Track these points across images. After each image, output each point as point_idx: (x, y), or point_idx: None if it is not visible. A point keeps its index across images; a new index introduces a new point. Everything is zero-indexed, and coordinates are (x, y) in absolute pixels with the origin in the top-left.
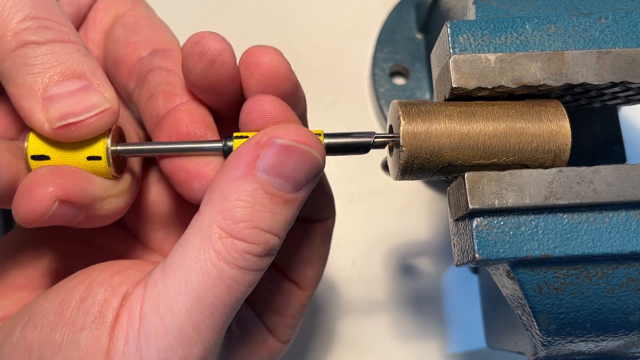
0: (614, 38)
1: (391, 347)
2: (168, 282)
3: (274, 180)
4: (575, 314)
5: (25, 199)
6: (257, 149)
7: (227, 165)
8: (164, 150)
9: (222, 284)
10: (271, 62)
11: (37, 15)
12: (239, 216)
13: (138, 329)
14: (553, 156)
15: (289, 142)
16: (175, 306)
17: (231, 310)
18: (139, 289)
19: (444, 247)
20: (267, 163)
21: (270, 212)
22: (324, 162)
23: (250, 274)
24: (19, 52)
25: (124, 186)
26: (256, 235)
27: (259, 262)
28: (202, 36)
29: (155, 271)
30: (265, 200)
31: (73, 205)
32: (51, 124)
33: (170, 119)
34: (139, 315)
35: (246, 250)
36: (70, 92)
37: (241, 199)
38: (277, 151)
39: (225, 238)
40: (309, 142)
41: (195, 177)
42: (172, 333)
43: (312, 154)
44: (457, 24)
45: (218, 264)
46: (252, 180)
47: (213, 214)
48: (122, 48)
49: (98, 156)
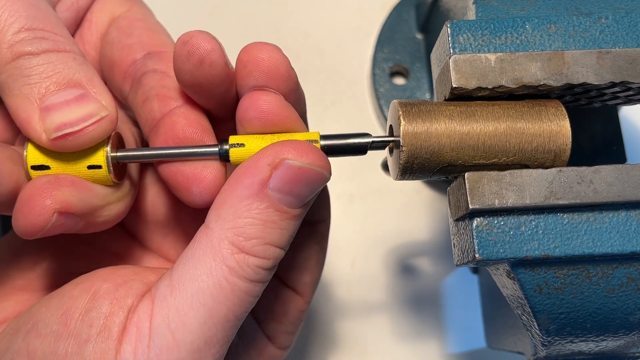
0: (614, 38)
1: (391, 347)
2: (179, 297)
3: (285, 198)
4: (576, 314)
5: (24, 212)
6: (269, 169)
7: (239, 182)
8: (163, 156)
9: (235, 297)
10: (270, 59)
11: (32, 26)
12: (251, 233)
13: (148, 344)
14: (553, 156)
15: (301, 164)
16: (187, 321)
17: (240, 321)
18: (145, 303)
19: (444, 247)
20: (279, 183)
21: (279, 227)
22: (330, 174)
23: (259, 285)
24: (15, 64)
25: (123, 192)
26: (267, 250)
27: (267, 275)
28: (190, 36)
29: (162, 285)
30: (275, 217)
31: (72, 216)
32: (48, 135)
33: (166, 123)
34: (149, 330)
35: (258, 265)
36: (66, 101)
37: (253, 217)
38: (290, 172)
39: (238, 254)
40: (319, 163)
41: (193, 182)
42: (184, 347)
43: (322, 173)
44: (457, 24)
45: (231, 279)
46: (264, 199)
47: (224, 230)
48: (117, 50)
49: (98, 165)
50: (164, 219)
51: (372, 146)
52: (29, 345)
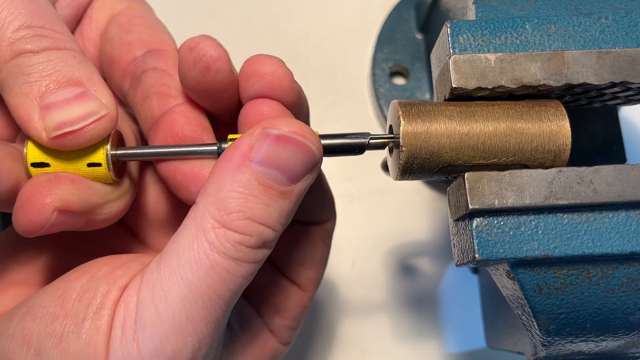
0: (614, 38)
1: (391, 347)
2: (163, 271)
3: (268, 171)
4: (576, 314)
5: (24, 211)
6: (251, 140)
7: (222, 157)
8: (163, 154)
9: (215, 274)
10: (273, 74)
11: (32, 24)
12: (232, 207)
13: (135, 319)
14: (553, 156)
15: (282, 132)
16: (170, 295)
17: (225, 302)
18: (136, 279)
19: (444, 247)
20: (261, 154)
21: (263, 203)
22: (321, 155)
23: (244, 265)
24: (15, 62)
25: (123, 189)
26: (249, 226)
27: (252, 254)
28: (197, 42)
29: (152, 262)
30: (258, 192)
31: (72, 213)
32: (48, 133)
33: (166, 121)
34: (136, 304)
35: (239, 241)
36: (66, 99)
37: (234, 190)
38: (271, 142)
39: (218, 228)
40: (303, 132)
41: (191, 180)
42: (166, 322)
43: (306, 144)
44: (457, 24)
45: (210, 254)
46: (245, 172)
47: (207, 204)
48: (116, 47)
49: (98, 163)
50: (164, 216)
51: (372, 146)
52: (25, 328)
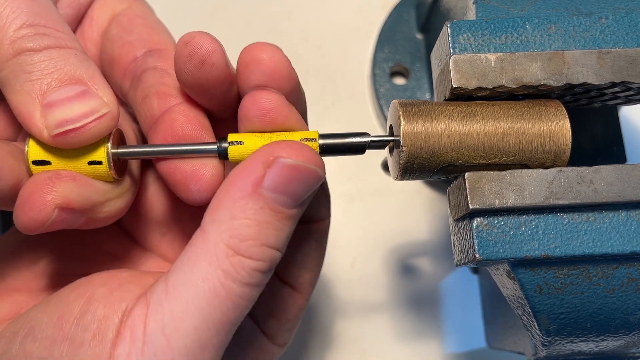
0: (615, 38)
1: (391, 347)
2: (174, 302)
3: (279, 197)
4: (576, 314)
5: (24, 208)
6: (263, 168)
7: (233, 183)
8: (164, 152)
9: (230, 302)
10: (271, 60)
11: (34, 22)
12: (247, 234)
13: (142, 349)
14: (553, 156)
15: (295, 162)
16: (182, 326)
17: (235, 325)
18: (140, 307)
19: (444, 247)
20: (273, 182)
21: (275, 228)
22: (324, 173)
23: (255, 289)
24: (17, 60)
25: (123, 188)
26: (263, 252)
27: (263, 278)
28: (192, 36)
29: (157, 290)
30: (271, 218)
31: (73, 211)
32: (50, 131)
33: (165, 120)
34: (142, 334)
35: (253, 268)
36: (68, 98)
37: (249, 218)
38: (284, 171)
39: (233, 257)
40: (313, 161)
41: (191, 179)
42: (177, 352)
43: (316, 172)
44: (458, 24)
45: (226, 283)
46: (259, 199)
47: (220, 232)
48: (117, 47)
49: (99, 161)
50: (162, 217)
51: (372, 146)
52: (26, 350)
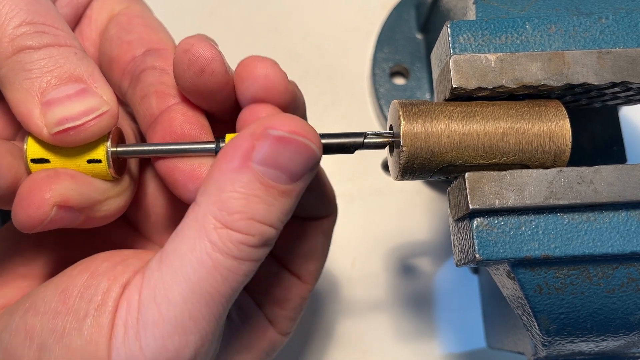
0: (615, 38)
1: (391, 347)
2: (164, 271)
3: (270, 171)
4: (576, 314)
5: (23, 206)
6: (252, 141)
7: (222, 156)
8: (163, 152)
9: (218, 274)
10: (267, 76)
11: (33, 20)
12: (234, 207)
13: (137, 317)
14: (553, 156)
15: (284, 133)
16: (172, 295)
17: (227, 299)
18: (137, 277)
19: (444, 247)
20: (262, 155)
21: (265, 203)
22: (321, 153)
23: (246, 264)
24: (16, 58)
25: (122, 186)
26: (251, 226)
27: (254, 253)
28: (191, 44)
29: (153, 260)
30: (260, 192)
31: (72, 210)
32: (49, 129)
33: (164, 120)
34: (138, 303)
35: (241, 241)
36: (67, 96)
37: (236, 190)
38: (273, 143)
39: (220, 229)
40: (304, 133)
41: (189, 178)
42: (168, 321)
43: (308, 145)
44: (458, 24)
45: (213, 254)
46: (247, 172)
47: (209, 204)
48: (116, 47)
49: (98, 159)
50: (165, 212)
51: (371, 145)
52: (27, 323)
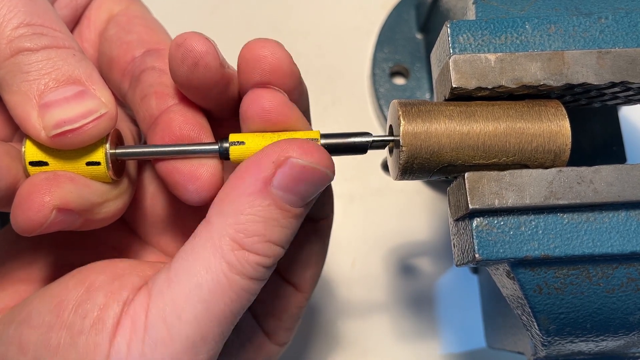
0: (614, 38)
1: (391, 347)
2: (175, 291)
3: (287, 196)
4: (576, 314)
5: (22, 209)
6: (274, 167)
7: (242, 178)
8: (163, 153)
9: (233, 294)
10: (273, 56)
11: (31, 22)
12: (253, 230)
13: (143, 337)
14: (553, 156)
15: (306, 163)
16: (184, 315)
17: (236, 318)
18: (142, 296)
19: (444, 247)
20: (283, 181)
21: (280, 226)
22: (333, 176)
23: (258, 283)
24: (14, 60)
25: (121, 189)
26: (268, 248)
27: (266, 272)
28: (184, 38)
29: (159, 279)
30: (277, 215)
31: (71, 212)
32: (47, 132)
33: (164, 120)
34: (144, 323)
35: (257, 262)
36: (65, 98)
37: (255, 214)
38: (294, 171)
39: (238, 250)
40: (323, 162)
41: (190, 179)
42: (179, 342)
43: (326, 173)
44: (457, 24)
45: (230, 275)
46: (267, 197)
47: (226, 226)
48: (116, 47)
49: (97, 162)
50: (163, 214)
51: (372, 145)
52: (21, 336)
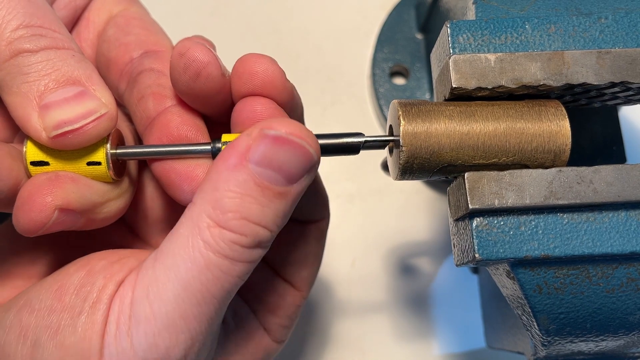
0: (614, 38)
1: (391, 347)
2: (158, 268)
3: (266, 172)
4: (575, 314)
5: (24, 209)
6: (248, 141)
7: (220, 156)
8: (162, 153)
9: (210, 273)
10: (265, 73)
11: (30, 23)
12: (228, 206)
13: (129, 314)
14: (553, 156)
15: (280, 133)
16: (164, 292)
17: (219, 300)
18: (132, 275)
19: (444, 247)
20: (258, 154)
21: (259, 204)
22: (319, 156)
23: (239, 265)
24: (13, 62)
25: (122, 188)
26: (244, 226)
27: (247, 254)
28: (187, 47)
29: (148, 258)
30: (255, 192)
31: (73, 213)
32: (48, 133)
33: (161, 121)
34: (130, 300)
35: (233, 241)
36: (65, 99)
37: (230, 190)
38: (269, 143)
39: (213, 227)
40: (301, 134)
41: (185, 179)
42: (159, 319)
43: (304, 146)
44: (457, 24)
45: (205, 253)
46: (242, 171)
47: (203, 203)
48: (114, 48)
49: (98, 162)
50: (162, 214)
51: (366, 146)
52: (22, 321)
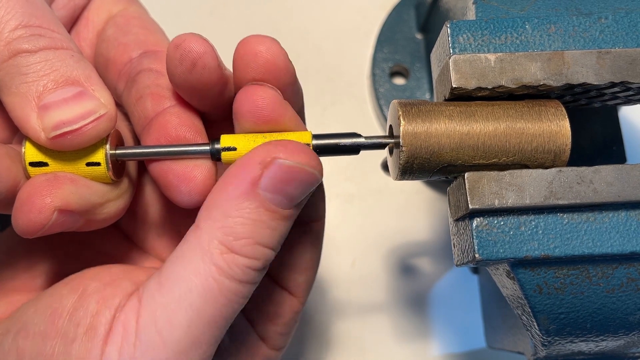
0: (614, 38)
1: (391, 347)
2: (166, 295)
3: (275, 197)
4: (575, 314)
5: (23, 210)
6: (260, 168)
7: (229, 181)
8: (162, 154)
9: (223, 298)
10: (268, 52)
11: (29, 23)
12: (241, 233)
13: (134, 343)
14: (553, 156)
15: (292, 163)
16: (175, 320)
17: (228, 322)
18: (133, 301)
19: (444, 247)
20: (270, 182)
21: (269, 228)
22: (322, 175)
23: (248, 286)
24: (12, 62)
25: (122, 189)
26: (257, 250)
27: (257, 276)
28: (182, 39)
29: (150, 284)
30: (265, 217)
31: (72, 213)
32: (47, 134)
33: (159, 122)
34: (135, 328)
35: (247, 265)
36: (64, 99)
37: (243, 217)
38: (281, 172)
39: (227, 254)
40: (311, 163)
41: (183, 180)
42: (170, 347)
43: (313, 173)
44: (457, 24)
45: (219, 279)
46: (254, 199)
47: (214, 230)
48: (113, 48)
49: (97, 162)
50: (158, 219)
51: (371, 146)
52: (19, 346)
